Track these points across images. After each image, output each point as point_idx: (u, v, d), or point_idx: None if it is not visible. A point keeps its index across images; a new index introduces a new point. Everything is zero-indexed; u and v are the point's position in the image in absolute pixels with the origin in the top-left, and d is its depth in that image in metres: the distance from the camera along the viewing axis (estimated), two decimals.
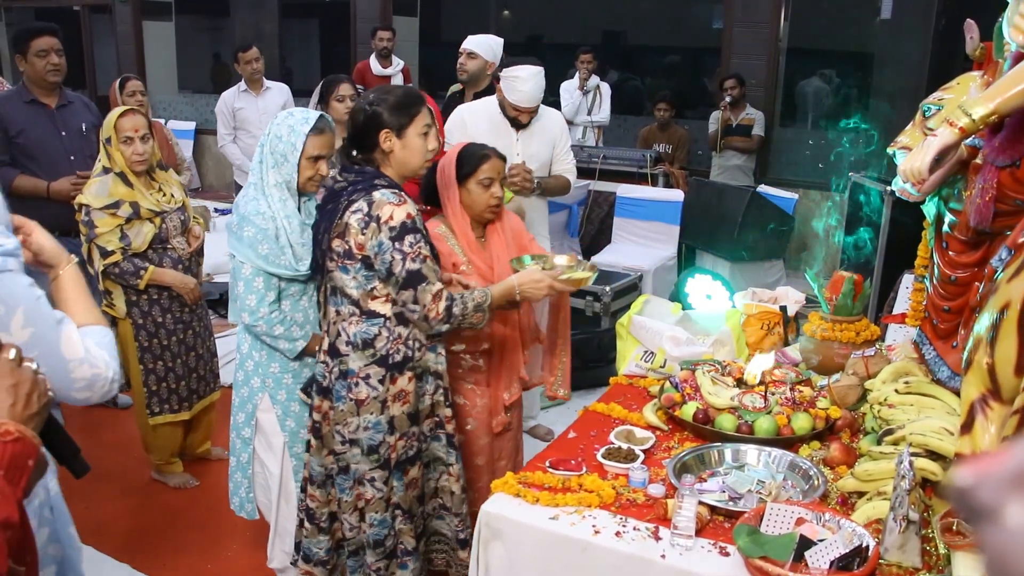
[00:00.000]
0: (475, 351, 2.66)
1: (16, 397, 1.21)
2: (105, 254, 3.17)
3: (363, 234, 2.22)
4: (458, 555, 2.56)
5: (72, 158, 3.80)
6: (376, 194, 2.22)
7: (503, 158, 2.65)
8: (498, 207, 2.64)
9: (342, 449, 2.36)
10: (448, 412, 2.46)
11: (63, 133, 3.82)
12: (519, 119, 3.62)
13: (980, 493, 0.48)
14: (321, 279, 2.40)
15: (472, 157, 2.59)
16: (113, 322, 3.35)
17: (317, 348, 2.50)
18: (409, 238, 2.20)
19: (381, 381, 2.30)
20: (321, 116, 2.55)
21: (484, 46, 4.09)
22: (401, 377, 2.32)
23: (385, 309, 2.29)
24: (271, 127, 2.54)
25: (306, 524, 2.47)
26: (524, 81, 3.54)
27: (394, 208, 2.20)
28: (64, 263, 1.68)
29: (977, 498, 0.48)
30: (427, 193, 2.68)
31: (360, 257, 2.24)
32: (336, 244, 2.27)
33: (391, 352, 2.30)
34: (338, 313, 2.33)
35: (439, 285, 2.25)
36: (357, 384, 2.31)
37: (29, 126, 3.75)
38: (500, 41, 4.13)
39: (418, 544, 2.47)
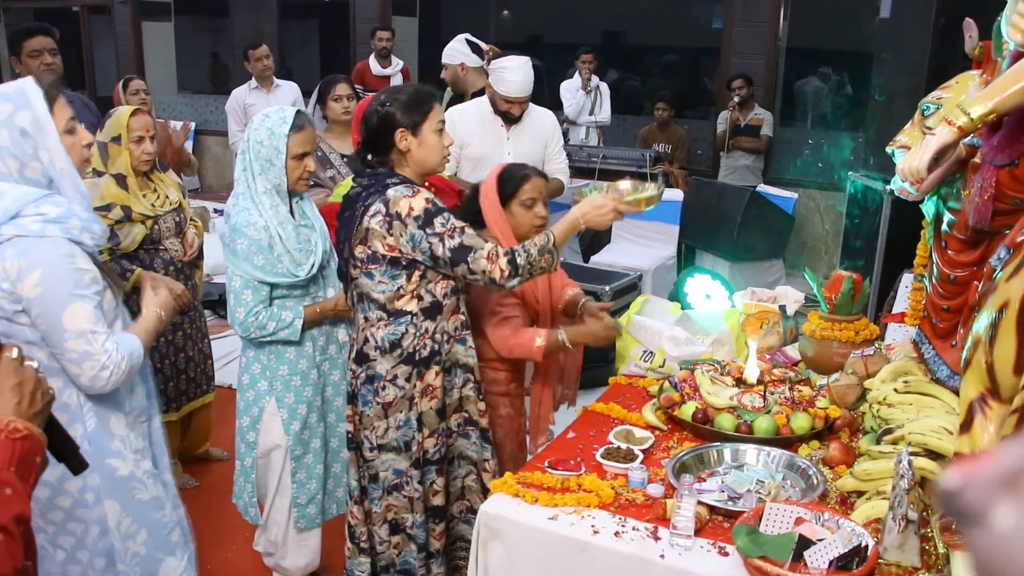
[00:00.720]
0: (498, 367, 2.61)
1: (21, 395, 1.23)
2: None
3: (390, 235, 2.18)
4: None
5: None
6: (389, 192, 2.19)
7: (544, 176, 2.61)
8: (542, 227, 2.56)
9: (371, 456, 2.33)
10: (482, 406, 2.41)
11: None
12: (511, 112, 3.59)
13: (967, 495, 0.47)
14: (346, 286, 2.37)
15: (512, 178, 2.53)
16: None
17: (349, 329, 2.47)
18: (438, 220, 2.16)
19: (408, 379, 2.28)
20: (298, 112, 2.52)
21: (448, 54, 4.11)
22: (428, 372, 2.28)
23: (411, 306, 2.25)
24: (249, 133, 2.49)
25: (348, 543, 2.44)
26: (513, 71, 3.52)
27: (411, 200, 2.17)
28: (152, 306, 2.07)
29: (964, 500, 0.48)
30: (469, 218, 2.60)
31: (389, 259, 2.21)
32: (359, 251, 2.24)
33: (418, 348, 2.26)
34: (366, 319, 2.29)
35: (489, 244, 2.19)
36: (384, 387, 2.28)
37: None
38: (461, 38, 4.11)
39: (446, 552, 2.43)
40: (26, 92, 1.82)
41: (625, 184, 2.41)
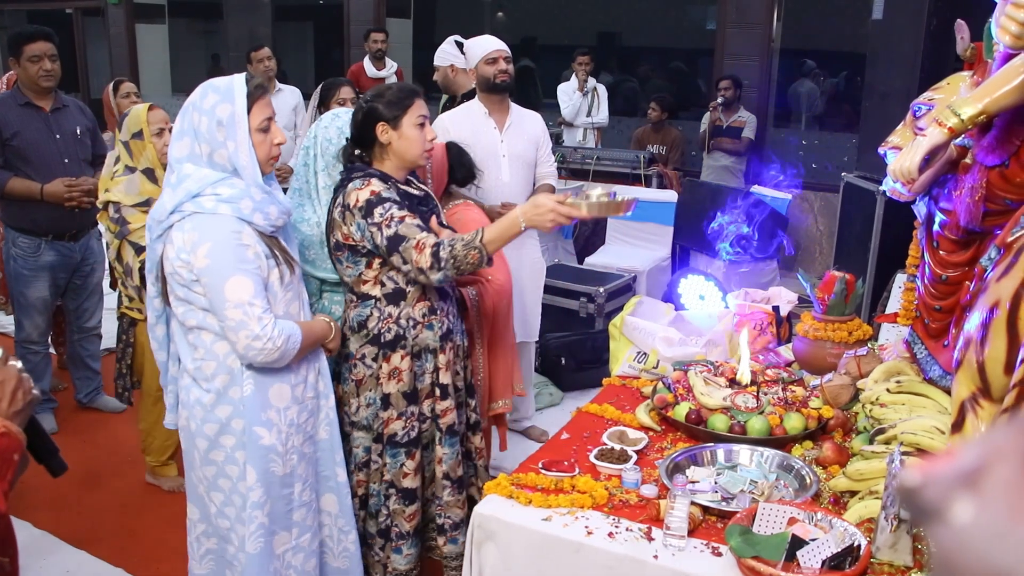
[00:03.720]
0: None
1: (2, 394, 1.25)
2: (140, 250, 3.11)
3: (344, 225, 2.32)
4: (437, 542, 2.58)
5: (66, 161, 3.79)
6: (348, 186, 2.32)
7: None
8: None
9: (347, 431, 2.46)
10: (437, 392, 2.49)
11: (57, 136, 3.81)
12: (502, 80, 3.58)
13: (927, 493, 0.48)
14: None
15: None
16: (132, 323, 3.33)
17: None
18: (377, 210, 2.27)
19: (375, 359, 2.40)
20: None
21: (438, 56, 4.14)
22: (394, 355, 2.39)
23: (375, 291, 2.38)
24: (317, 131, 2.57)
25: None
26: (481, 37, 3.67)
27: (358, 192, 2.29)
28: (326, 317, 2.35)
29: (924, 498, 0.49)
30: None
31: (347, 247, 2.34)
32: (330, 239, 2.39)
33: (382, 331, 2.38)
34: (344, 301, 2.48)
35: (422, 235, 2.23)
36: (355, 365, 2.42)
37: (23, 128, 3.74)
38: (451, 39, 4.13)
39: (416, 532, 2.49)
40: (233, 89, 2.03)
41: (596, 190, 2.24)
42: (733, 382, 2.39)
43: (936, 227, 2.09)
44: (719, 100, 6.45)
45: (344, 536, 2.36)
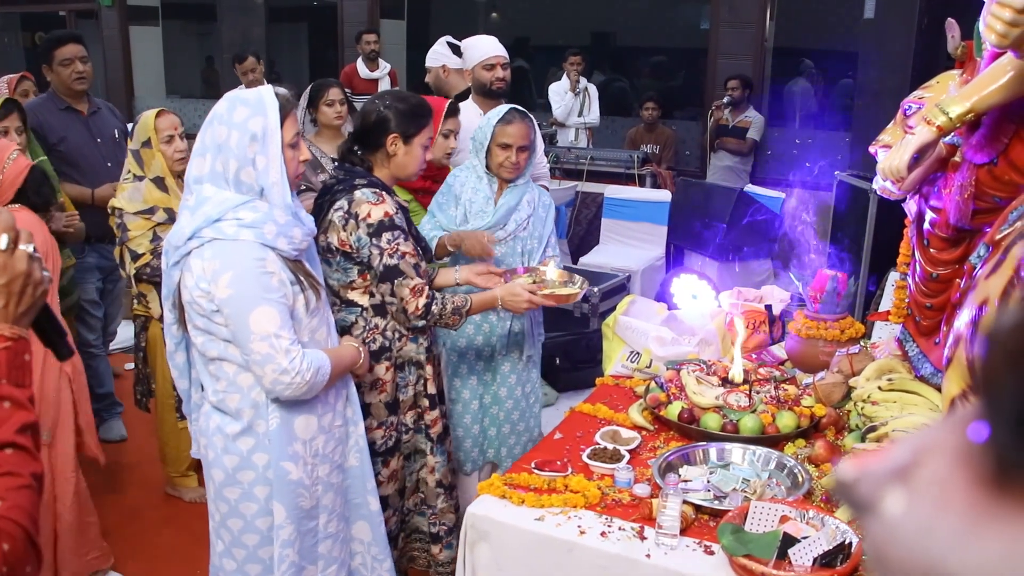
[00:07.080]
0: None
1: (8, 296, 1.14)
2: (135, 257, 3.13)
3: (344, 230, 2.30)
4: (431, 551, 2.57)
5: (109, 164, 3.79)
6: (357, 193, 2.30)
7: None
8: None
9: None
10: (426, 403, 2.50)
11: (98, 140, 3.82)
12: (498, 86, 3.56)
13: (861, 487, 0.49)
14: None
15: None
16: (146, 324, 3.31)
17: None
18: (387, 235, 2.28)
19: None
20: (511, 109, 2.78)
21: (430, 57, 4.10)
22: (378, 366, 2.38)
23: (363, 300, 2.37)
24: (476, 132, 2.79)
25: None
26: (480, 38, 3.65)
27: (372, 207, 2.28)
28: (355, 342, 2.22)
29: (858, 491, 0.49)
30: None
31: (341, 252, 2.33)
32: (321, 239, 2.36)
33: (367, 341, 2.37)
34: (329, 303, 2.41)
35: (419, 281, 2.31)
36: None
37: (68, 133, 3.76)
38: (443, 40, 4.10)
39: (396, 540, 2.48)
40: (264, 101, 1.90)
41: (553, 273, 2.63)
42: (726, 381, 2.39)
43: (926, 225, 2.10)
44: (725, 99, 6.41)
45: (378, 564, 2.25)
